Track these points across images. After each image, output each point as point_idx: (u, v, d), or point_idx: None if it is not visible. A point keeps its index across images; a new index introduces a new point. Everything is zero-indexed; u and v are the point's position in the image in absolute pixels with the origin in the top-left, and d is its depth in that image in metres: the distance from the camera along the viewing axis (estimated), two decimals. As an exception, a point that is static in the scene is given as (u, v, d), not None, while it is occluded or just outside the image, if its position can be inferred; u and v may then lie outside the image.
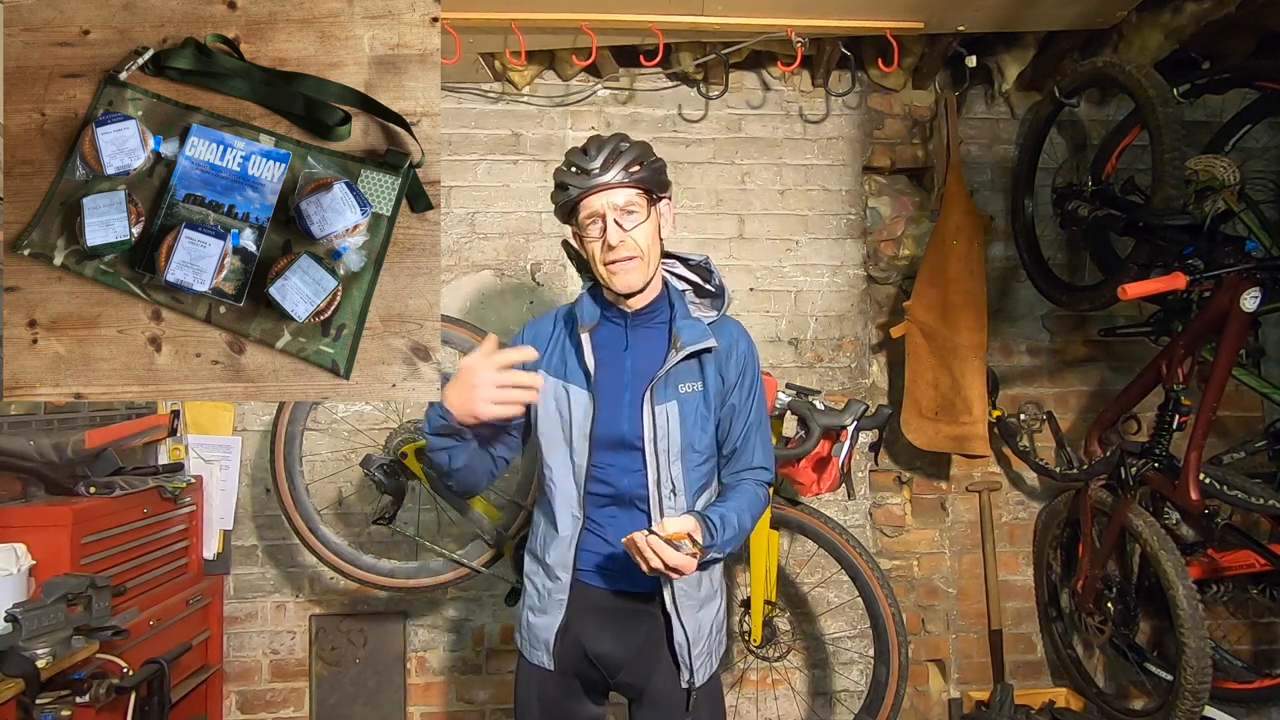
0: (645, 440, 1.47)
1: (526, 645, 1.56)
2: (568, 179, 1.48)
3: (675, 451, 1.48)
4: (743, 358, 1.56)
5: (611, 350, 1.53)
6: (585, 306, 1.56)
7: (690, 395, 1.50)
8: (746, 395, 1.56)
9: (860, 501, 2.79)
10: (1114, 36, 2.54)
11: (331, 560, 2.29)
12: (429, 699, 2.70)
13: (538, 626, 1.53)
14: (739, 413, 1.54)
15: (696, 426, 1.50)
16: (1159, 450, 2.28)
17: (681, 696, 1.50)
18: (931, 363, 2.63)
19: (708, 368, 1.52)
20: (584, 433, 1.49)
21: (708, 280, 1.59)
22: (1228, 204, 2.25)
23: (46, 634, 1.65)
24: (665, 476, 1.48)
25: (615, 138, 1.49)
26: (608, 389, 1.50)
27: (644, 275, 1.49)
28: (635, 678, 1.52)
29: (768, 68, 2.83)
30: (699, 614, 1.51)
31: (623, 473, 1.50)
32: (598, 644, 1.51)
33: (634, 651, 1.51)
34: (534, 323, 1.64)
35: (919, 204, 2.92)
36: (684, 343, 1.48)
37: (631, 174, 1.46)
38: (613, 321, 1.56)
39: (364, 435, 2.64)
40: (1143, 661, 2.52)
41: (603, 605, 1.51)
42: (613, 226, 1.44)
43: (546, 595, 1.53)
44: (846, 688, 2.73)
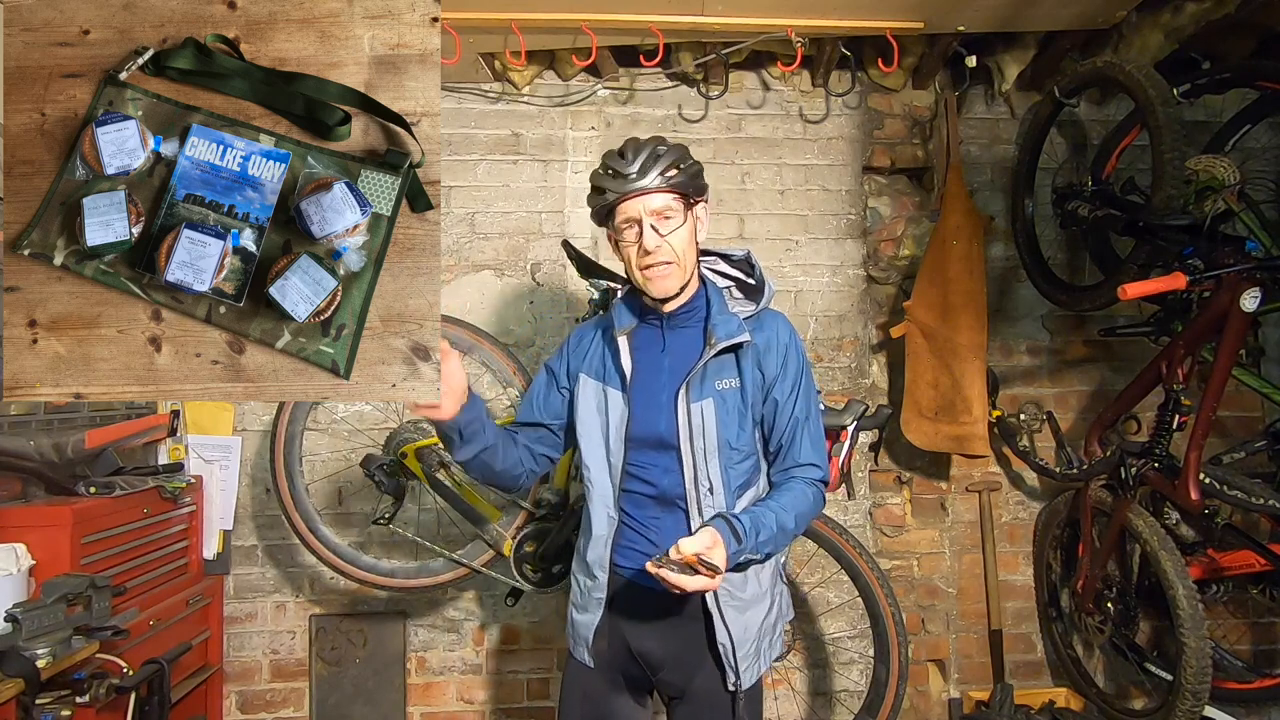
0: (680, 438, 1.47)
1: (571, 642, 1.58)
2: (604, 183, 1.47)
3: (712, 449, 1.47)
4: (784, 350, 1.52)
5: (649, 352, 1.53)
6: (622, 311, 1.56)
7: (728, 391, 1.48)
8: (790, 389, 1.52)
9: (860, 501, 2.79)
10: (1114, 36, 2.54)
11: (331, 560, 2.30)
12: (429, 699, 2.70)
13: (579, 624, 1.55)
14: (782, 408, 1.51)
15: (734, 423, 1.48)
16: (1159, 450, 2.28)
17: (725, 698, 1.49)
18: (931, 363, 2.63)
19: (745, 363, 1.50)
20: (620, 433, 1.51)
21: (750, 275, 1.59)
22: (1228, 204, 2.25)
23: (46, 634, 1.65)
24: (703, 475, 1.46)
25: (653, 141, 1.47)
26: (644, 389, 1.51)
27: (680, 280, 1.48)
28: (677, 677, 1.51)
29: (768, 68, 2.83)
30: (745, 615, 1.49)
31: (662, 472, 1.49)
32: (640, 642, 1.51)
33: (676, 651, 1.50)
34: (579, 329, 1.67)
35: (919, 204, 2.92)
36: (717, 338, 1.47)
37: (668, 179, 1.44)
38: (650, 324, 1.55)
39: (364, 435, 2.65)
40: (1143, 661, 2.52)
41: (645, 603, 1.50)
42: (649, 232, 1.43)
43: (587, 593, 1.55)
44: (846, 688, 2.73)
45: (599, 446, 1.54)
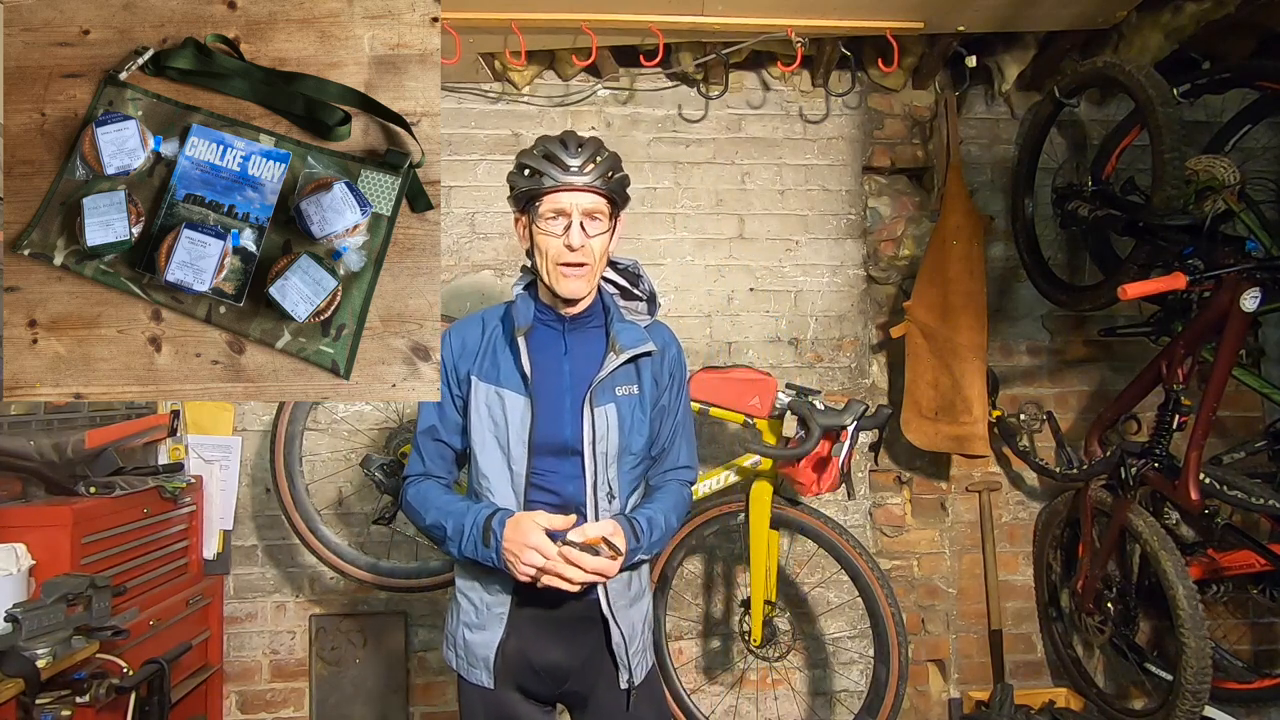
0: (585, 443, 1.45)
1: (464, 664, 1.51)
2: (541, 165, 1.43)
3: (614, 454, 1.47)
4: (673, 361, 1.59)
5: (549, 354, 1.50)
6: (521, 309, 1.51)
7: (627, 398, 1.49)
8: (675, 396, 1.59)
9: (860, 501, 2.79)
10: (1114, 36, 2.55)
11: (331, 560, 2.30)
12: (429, 699, 2.70)
13: (476, 644, 1.48)
14: (668, 414, 1.58)
15: (634, 429, 1.49)
16: (1159, 450, 2.27)
17: (621, 697, 1.50)
18: (931, 363, 2.63)
19: (644, 371, 1.52)
20: (522, 439, 1.45)
21: (635, 285, 1.60)
22: (1228, 204, 2.25)
23: (46, 634, 1.64)
24: (603, 480, 1.46)
25: (597, 141, 1.48)
26: (546, 393, 1.47)
27: (589, 285, 1.48)
28: (581, 685, 1.51)
29: (768, 68, 2.83)
30: (630, 612, 1.51)
31: (565, 479, 1.47)
32: (544, 655, 1.47)
33: (582, 659, 1.49)
34: (459, 326, 1.57)
35: (919, 204, 2.92)
36: (623, 346, 1.48)
37: (607, 181, 1.44)
38: (549, 325, 1.52)
39: (364, 435, 2.65)
40: (1143, 661, 2.52)
41: (546, 616, 1.47)
42: (577, 229, 1.42)
43: (485, 610, 1.48)
44: (846, 688, 2.73)
45: (497, 454, 1.47)
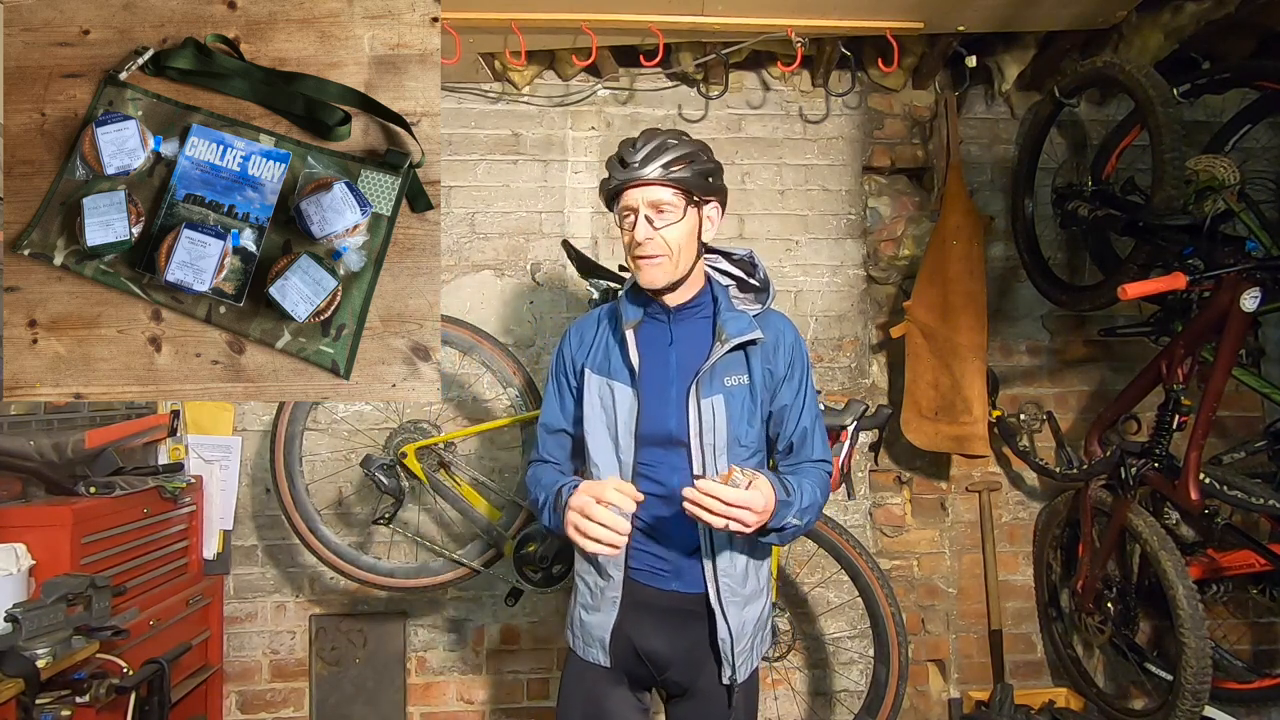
0: (691, 434, 1.46)
1: (580, 643, 1.56)
2: (610, 167, 1.48)
3: (721, 446, 1.47)
4: (790, 350, 1.54)
5: (656, 346, 1.52)
6: (628, 303, 1.56)
7: (736, 388, 1.49)
8: (798, 389, 1.53)
9: (860, 501, 2.79)
10: (1114, 36, 2.54)
11: (331, 560, 2.29)
12: (429, 699, 2.70)
13: (591, 625, 1.53)
14: (792, 409, 1.53)
15: (743, 420, 1.49)
16: (1159, 450, 2.28)
17: (722, 693, 1.50)
18: (931, 363, 2.63)
19: (754, 360, 1.51)
20: (629, 429, 1.49)
21: (751, 275, 1.59)
22: (1228, 204, 2.25)
23: (46, 634, 1.65)
24: (710, 472, 1.46)
25: (665, 134, 1.47)
26: (653, 384, 1.50)
27: (669, 275, 1.47)
28: (682, 676, 1.52)
29: (768, 68, 2.83)
30: (744, 611, 1.50)
31: (671, 470, 1.48)
32: (648, 642, 1.51)
33: (684, 651, 1.51)
34: (580, 323, 1.64)
35: (919, 204, 2.92)
36: (729, 335, 1.47)
37: (671, 172, 1.44)
38: (655, 318, 1.55)
39: (364, 435, 2.65)
40: (1143, 661, 2.52)
41: (654, 604, 1.50)
42: (641, 223, 1.44)
43: (599, 593, 1.52)
44: (846, 688, 2.73)
45: (608, 444, 1.52)
